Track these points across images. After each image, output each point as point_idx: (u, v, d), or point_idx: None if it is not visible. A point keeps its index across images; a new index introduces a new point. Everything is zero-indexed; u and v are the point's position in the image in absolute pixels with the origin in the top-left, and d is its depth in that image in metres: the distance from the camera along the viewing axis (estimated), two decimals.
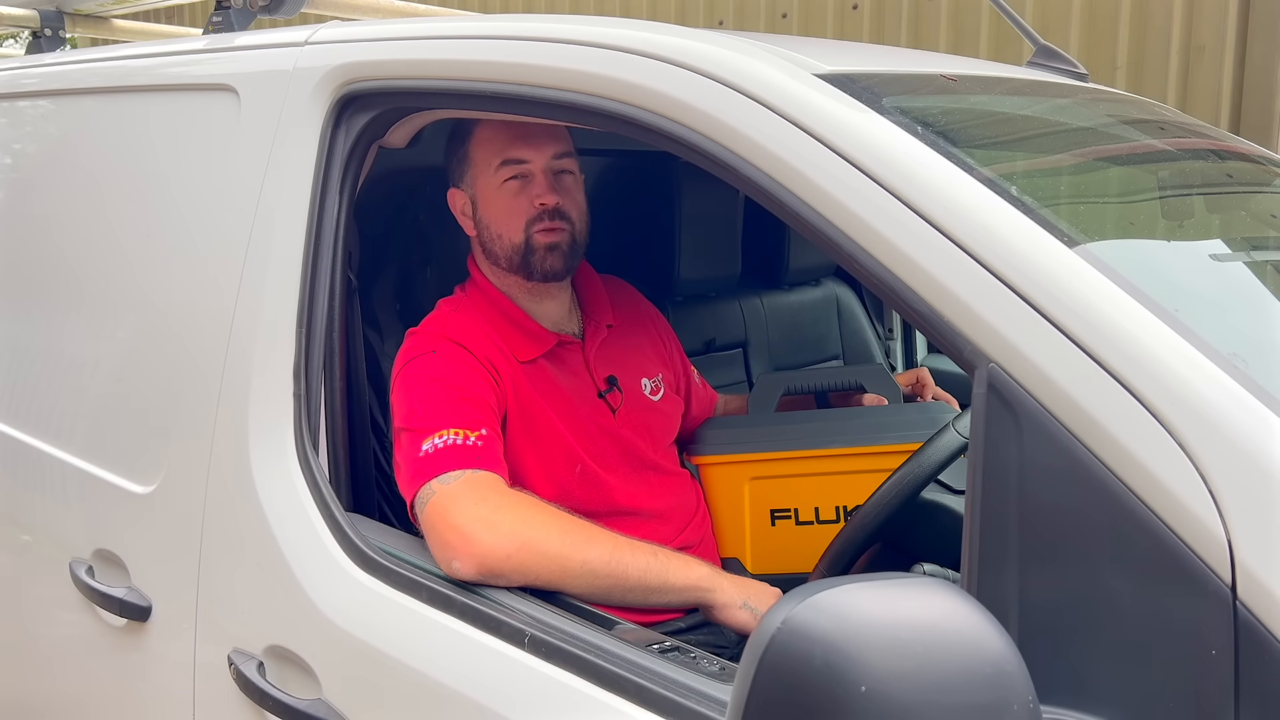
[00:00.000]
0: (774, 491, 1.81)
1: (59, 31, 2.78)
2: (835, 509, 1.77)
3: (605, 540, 1.45)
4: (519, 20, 1.45)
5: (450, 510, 1.40)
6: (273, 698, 1.41)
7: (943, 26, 4.25)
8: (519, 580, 1.37)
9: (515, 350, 1.70)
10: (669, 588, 1.48)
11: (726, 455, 1.85)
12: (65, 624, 1.90)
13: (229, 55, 1.77)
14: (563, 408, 1.72)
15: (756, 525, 1.81)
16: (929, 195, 1.06)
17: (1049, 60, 2.04)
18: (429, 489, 1.45)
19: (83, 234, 2.00)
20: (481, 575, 1.35)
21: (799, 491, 1.79)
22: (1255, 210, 1.59)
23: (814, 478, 1.79)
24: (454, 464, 1.46)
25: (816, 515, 1.78)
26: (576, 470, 1.70)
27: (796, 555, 1.76)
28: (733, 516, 1.83)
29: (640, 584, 1.45)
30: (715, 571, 1.54)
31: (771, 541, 1.80)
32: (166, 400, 1.69)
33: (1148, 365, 0.92)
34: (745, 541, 1.81)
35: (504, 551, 1.36)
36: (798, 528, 1.78)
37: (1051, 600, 0.93)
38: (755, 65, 1.21)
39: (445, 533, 1.38)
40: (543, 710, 1.18)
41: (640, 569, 1.44)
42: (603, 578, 1.42)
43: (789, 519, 1.79)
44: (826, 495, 1.79)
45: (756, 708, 0.82)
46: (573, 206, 1.72)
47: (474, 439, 1.50)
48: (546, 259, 1.70)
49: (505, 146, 1.69)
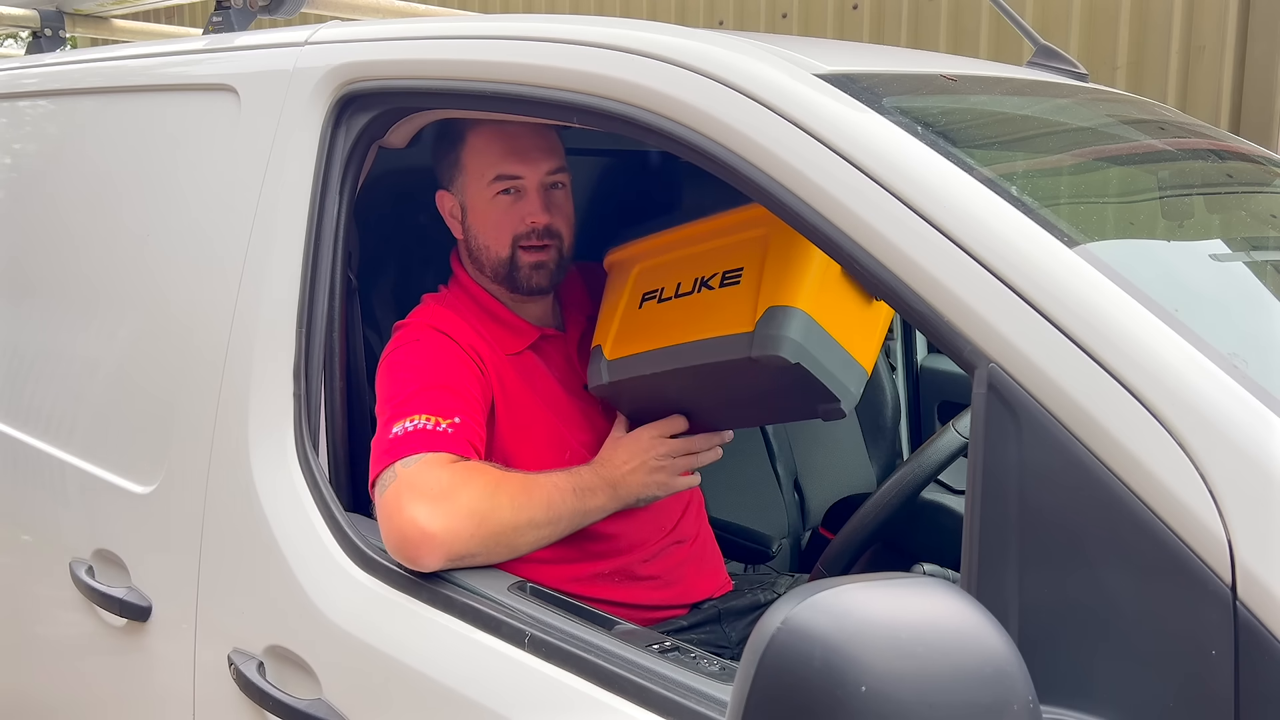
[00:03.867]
0: (652, 274, 1.66)
1: (59, 31, 2.78)
2: (694, 281, 1.57)
3: (540, 494, 1.48)
4: (519, 20, 1.45)
5: (404, 500, 1.37)
6: (273, 698, 1.41)
7: (943, 26, 4.25)
8: (484, 559, 1.39)
9: (501, 344, 1.70)
10: (589, 518, 1.55)
11: (626, 246, 1.73)
12: (65, 624, 1.90)
13: (229, 55, 1.77)
14: (551, 398, 1.72)
15: (627, 311, 1.66)
16: (929, 195, 1.06)
17: (1049, 60, 2.04)
18: (390, 473, 1.42)
19: (83, 234, 2.00)
20: (449, 562, 1.36)
21: (671, 270, 1.62)
22: (1255, 210, 1.59)
23: (686, 254, 1.61)
24: (416, 448, 1.44)
25: (677, 290, 1.59)
26: (566, 458, 1.70)
27: (648, 334, 1.60)
28: (610, 307, 1.69)
29: (571, 526, 1.52)
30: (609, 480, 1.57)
31: (634, 324, 1.64)
32: (167, 400, 1.70)
33: (1148, 365, 0.92)
34: (612, 328, 1.66)
35: (467, 531, 1.37)
36: (660, 306, 1.61)
37: (1051, 600, 0.93)
38: (755, 65, 1.21)
39: (403, 526, 1.36)
40: (543, 710, 1.18)
41: (570, 510, 1.51)
42: (545, 530, 1.48)
43: (654, 299, 1.63)
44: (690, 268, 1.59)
45: (756, 708, 0.82)
46: (563, 222, 1.72)
47: (445, 425, 1.48)
48: (532, 276, 1.71)
49: (499, 160, 1.68)
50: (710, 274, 1.52)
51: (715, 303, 1.50)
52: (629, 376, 1.58)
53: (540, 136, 1.70)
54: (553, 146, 1.72)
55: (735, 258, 1.50)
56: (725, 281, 1.50)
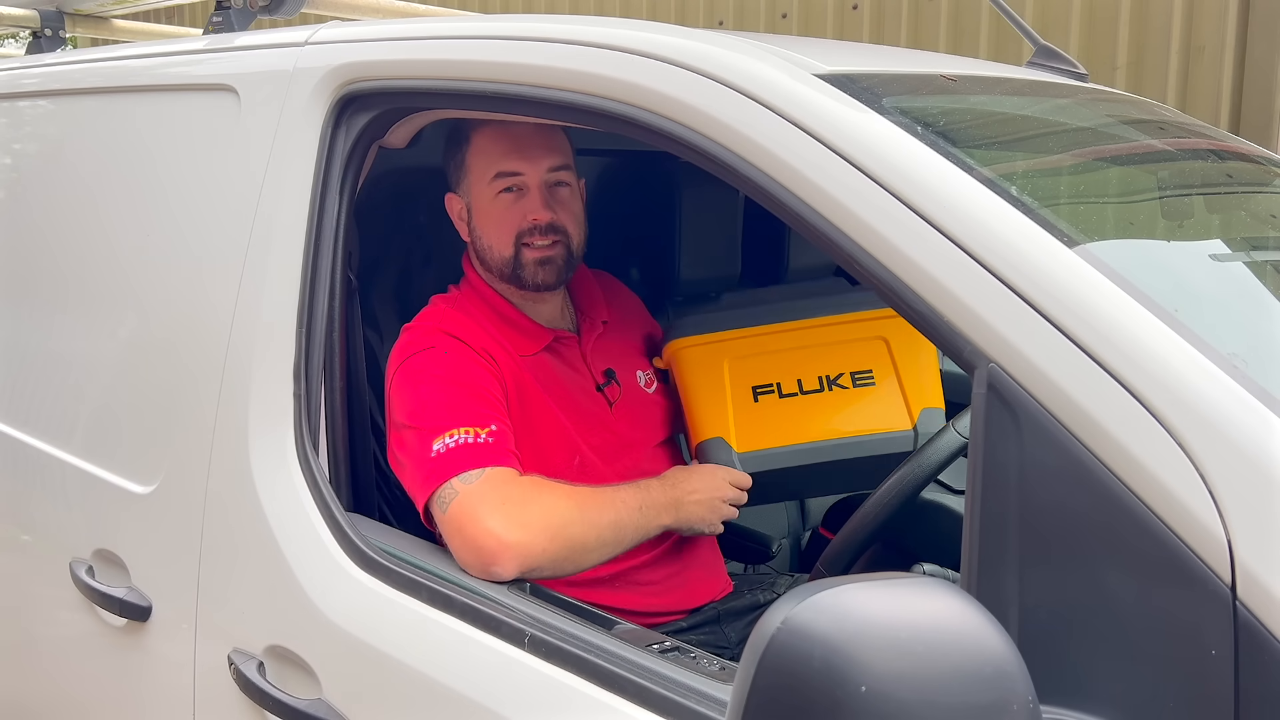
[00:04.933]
0: (754, 368, 1.78)
1: (59, 31, 2.77)
2: (818, 379, 1.75)
3: (608, 509, 1.53)
4: (519, 20, 1.45)
5: (479, 512, 1.42)
6: (273, 698, 1.41)
7: (943, 26, 4.25)
8: (550, 572, 1.43)
9: (514, 346, 1.70)
10: (648, 535, 1.60)
11: (702, 336, 1.82)
12: (65, 624, 1.90)
13: (229, 55, 1.77)
14: (564, 400, 1.73)
15: (739, 403, 1.77)
16: (929, 195, 1.06)
17: (1049, 60, 2.04)
18: (449, 489, 1.45)
19: (83, 234, 2.00)
20: (521, 573, 1.39)
21: (778, 365, 1.77)
22: (1255, 210, 1.59)
23: (792, 351, 1.77)
24: (470, 463, 1.47)
25: (800, 387, 1.75)
26: (575, 462, 1.70)
27: (783, 428, 1.75)
28: (712, 398, 1.78)
29: (632, 542, 1.57)
30: (676, 501, 1.62)
31: (756, 418, 1.76)
32: (167, 400, 1.69)
33: (1148, 365, 0.92)
34: (729, 421, 1.76)
35: (540, 545, 1.40)
36: (782, 400, 1.75)
37: (1051, 600, 0.93)
38: (755, 65, 1.21)
39: (478, 536, 1.40)
40: (543, 710, 1.18)
41: (633, 528, 1.55)
42: (610, 547, 1.52)
43: (772, 393, 1.76)
44: (807, 366, 1.77)
45: (756, 708, 0.82)
46: (569, 219, 1.72)
47: (485, 436, 1.51)
48: (538, 273, 1.71)
49: (501, 158, 1.69)
50: (835, 373, 1.75)
51: (855, 401, 1.74)
52: (769, 469, 1.72)
53: (542, 135, 1.70)
54: (556, 145, 1.72)
55: (859, 359, 1.75)
56: (858, 382, 1.75)
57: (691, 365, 1.82)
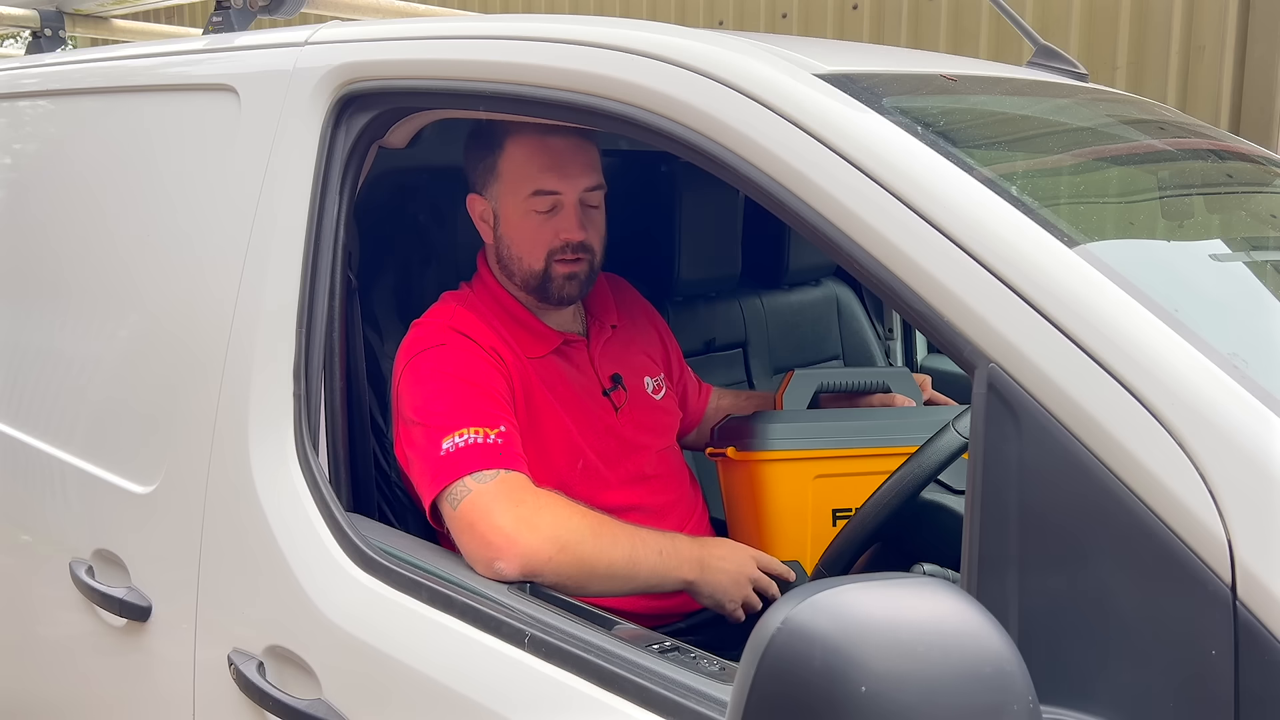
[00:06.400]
0: (837, 490, 1.75)
1: (59, 31, 2.78)
2: None
3: (625, 540, 1.49)
4: (519, 20, 1.45)
5: (492, 510, 1.42)
6: (273, 698, 1.41)
7: (943, 26, 4.25)
8: (554, 584, 1.41)
9: (523, 347, 1.70)
10: (664, 583, 1.54)
11: (790, 452, 1.77)
12: (65, 624, 1.90)
13: (229, 55, 1.77)
14: (570, 403, 1.73)
15: (818, 526, 1.74)
16: (929, 195, 1.06)
17: (1049, 60, 2.04)
18: (461, 487, 1.46)
19: (83, 234, 2.00)
20: (523, 575, 1.39)
21: (862, 490, 1.69)
22: (1255, 210, 1.59)
23: (877, 476, 1.69)
24: (482, 463, 1.48)
25: None
26: (579, 466, 1.70)
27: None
28: (793, 516, 1.75)
29: (645, 584, 1.51)
30: (701, 559, 1.56)
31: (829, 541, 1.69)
32: (167, 400, 1.69)
33: (1147, 365, 0.92)
34: (807, 543, 1.74)
35: (546, 554, 1.40)
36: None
37: (1051, 600, 0.93)
38: (755, 65, 1.21)
39: (487, 533, 1.40)
40: (543, 710, 1.18)
41: (649, 569, 1.50)
42: (620, 580, 1.48)
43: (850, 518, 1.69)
44: None
45: (756, 708, 0.82)
46: (596, 238, 1.73)
47: (494, 436, 1.51)
48: (564, 287, 1.72)
49: (539, 174, 1.68)
50: None
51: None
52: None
53: (581, 152, 1.70)
54: (593, 163, 1.72)
55: None
56: None
57: (776, 482, 1.77)
